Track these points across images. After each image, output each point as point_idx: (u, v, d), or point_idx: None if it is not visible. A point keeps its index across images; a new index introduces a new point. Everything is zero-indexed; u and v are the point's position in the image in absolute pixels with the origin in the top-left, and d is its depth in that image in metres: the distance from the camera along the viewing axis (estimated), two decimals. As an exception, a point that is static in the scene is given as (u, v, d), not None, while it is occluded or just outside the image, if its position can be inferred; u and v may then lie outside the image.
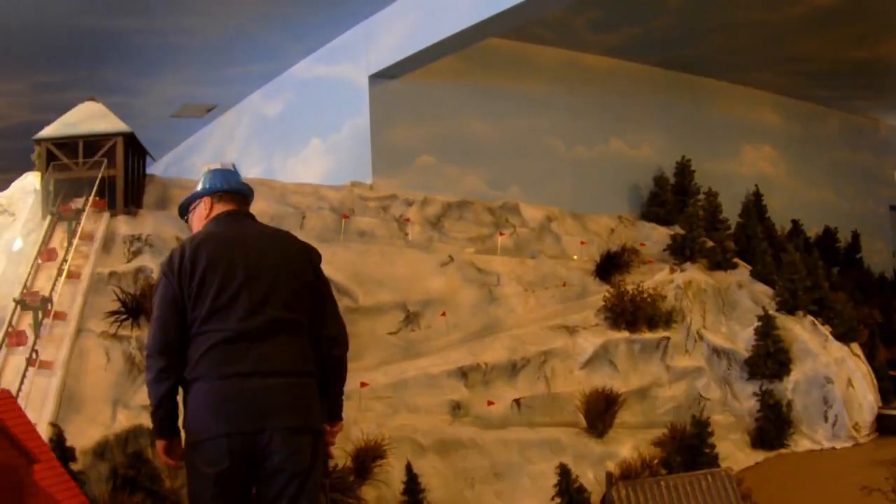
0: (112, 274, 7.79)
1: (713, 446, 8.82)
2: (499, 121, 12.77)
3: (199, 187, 5.81)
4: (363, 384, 8.35)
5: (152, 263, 7.85)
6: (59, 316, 7.28)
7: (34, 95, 14.74)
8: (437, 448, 8.20)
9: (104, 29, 11.67)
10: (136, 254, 8.18)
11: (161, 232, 8.45)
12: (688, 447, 8.79)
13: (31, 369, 6.76)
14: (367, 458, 7.39)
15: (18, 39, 11.97)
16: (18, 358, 6.94)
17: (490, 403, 8.93)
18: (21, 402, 6.04)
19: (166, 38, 12.17)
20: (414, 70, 11.75)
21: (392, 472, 7.54)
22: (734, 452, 9.55)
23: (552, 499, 7.82)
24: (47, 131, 8.60)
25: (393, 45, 11.33)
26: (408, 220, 10.56)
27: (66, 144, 8.50)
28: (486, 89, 12.71)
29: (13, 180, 9.48)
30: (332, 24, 12.22)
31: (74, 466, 5.83)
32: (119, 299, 7.41)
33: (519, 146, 12.90)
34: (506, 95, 12.85)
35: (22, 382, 6.60)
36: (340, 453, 7.26)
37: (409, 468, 7.51)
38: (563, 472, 7.85)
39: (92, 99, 9.00)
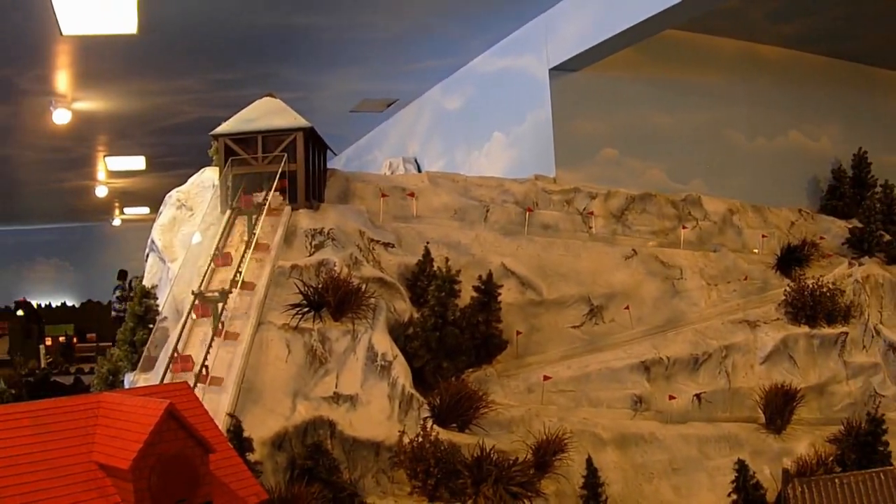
0: (294, 267, 7.71)
1: (887, 444, 8.42)
2: (678, 113, 12.46)
3: None
4: (546, 377, 8.21)
5: (335, 257, 7.76)
6: (241, 304, 7.20)
7: (210, 92, 14.92)
8: (617, 442, 8.03)
9: (283, 26, 11.73)
10: (318, 247, 8.06)
11: (343, 226, 8.36)
12: (862, 445, 8.45)
13: (209, 358, 6.71)
14: (548, 451, 7.20)
15: (196, 38, 12.14)
16: (199, 349, 6.88)
17: (671, 398, 8.71)
18: (199, 392, 6.07)
19: (345, 34, 12.17)
20: (593, 63, 11.49)
21: (572, 466, 7.32)
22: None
23: (728, 495, 7.64)
24: (225, 127, 8.58)
25: (572, 38, 11.09)
26: (591, 213, 10.31)
27: (245, 140, 8.46)
28: (665, 81, 12.41)
29: (189, 175, 9.53)
30: (510, 18, 12.04)
31: (251, 457, 5.79)
32: (301, 292, 7.31)
33: (699, 138, 12.57)
34: (684, 87, 12.53)
35: (201, 371, 6.55)
36: (522, 447, 7.14)
37: (589, 462, 7.27)
38: (741, 468, 7.66)
39: (270, 95, 8.95)
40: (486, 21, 11.93)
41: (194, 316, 7.04)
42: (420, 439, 6.60)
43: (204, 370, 6.64)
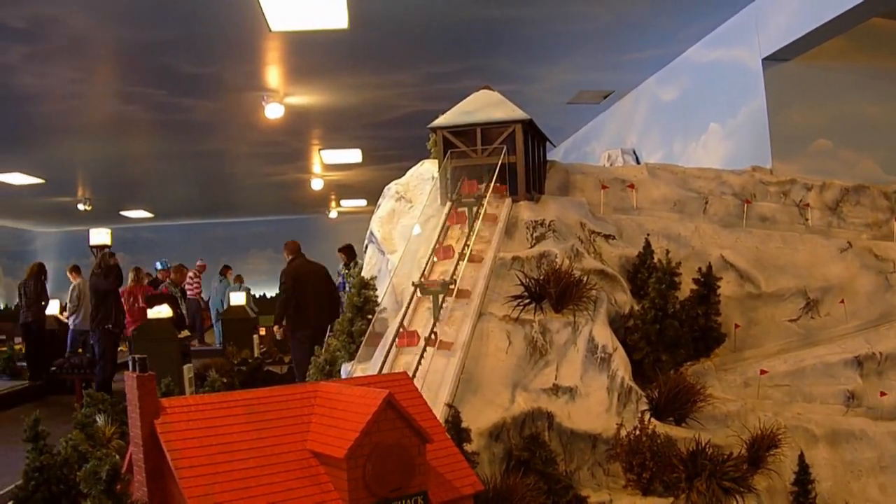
0: (515, 259, 7.41)
1: None
2: (889, 102, 11.76)
3: None
4: (763, 372, 7.80)
5: (556, 248, 7.44)
6: (462, 294, 6.94)
7: (426, 85, 14.87)
8: (828, 438, 7.49)
9: (497, 18, 11.54)
10: (539, 239, 7.76)
11: (564, 217, 8.05)
12: None
13: (428, 350, 6.45)
14: (762, 447, 6.71)
15: (407, 31, 12.05)
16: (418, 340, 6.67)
17: (882, 394, 8.12)
18: (418, 382, 5.86)
19: (559, 25, 11.97)
20: (805, 52, 11.02)
21: (784, 462, 6.84)
22: None
23: (933, 495, 7.20)
24: (443, 119, 8.32)
25: (784, 27, 10.66)
26: (807, 205, 9.83)
27: (463, 132, 8.18)
28: (873, 70, 11.73)
29: (405, 168, 9.32)
30: (721, 7, 11.64)
31: (468, 447, 5.46)
32: (522, 283, 7.01)
33: (910, 128, 12.02)
34: (893, 76, 11.80)
35: (419, 363, 6.29)
36: (736, 441, 6.67)
37: (801, 458, 6.80)
38: (943, 468, 7.21)
39: (487, 87, 8.65)
40: (696, 11, 11.54)
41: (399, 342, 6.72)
42: (637, 432, 6.25)
43: (433, 335, 6.46)
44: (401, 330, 6.63)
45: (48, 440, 6.39)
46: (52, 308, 22.90)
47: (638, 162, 15.25)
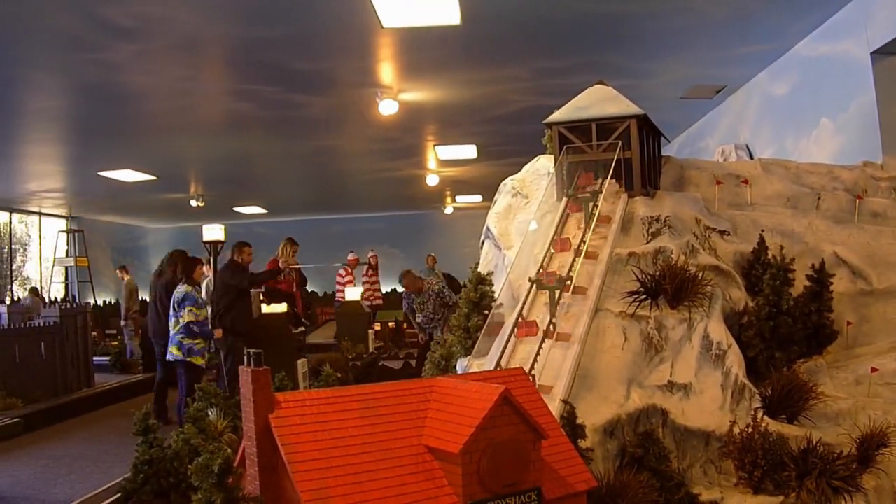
0: (631, 255, 7.28)
1: None
2: None
3: None
4: (874, 370, 7.46)
5: (671, 244, 7.30)
6: (578, 291, 6.81)
7: (539, 81, 14.78)
8: (933, 437, 7.17)
9: (610, 13, 11.39)
10: (655, 235, 7.60)
11: (679, 213, 7.88)
12: None
13: (544, 348, 6.31)
14: (871, 445, 6.43)
15: (524, 27, 11.95)
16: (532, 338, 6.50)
17: (980, 393, 7.92)
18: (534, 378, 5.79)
19: (671, 20, 11.82)
20: None
21: (892, 462, 6.50)
22: None
23: None
24: (558, 115, 8.16)
25: (892, 20, 10.37)
26: None
27: (578, 127, 8.03)
28: None
29: (520, 164, 9.22)
30: (830, 1, 11.36)
31: (583, 444, 5.38)
32: (638, 279, 6.88)
33: None
34: None
35: (535, 360, 6.17)
36: (846, 440, 6.41)
37: (907, 458, 6.74)
38: None
39: (601, 82, 8.50)
40: (806, 5, 11.32)
41: (517, 334, 6.62)
42: (750, 430, 6.10)
43: (553, 326, 6.37)
44: (519, 320, 6.55)
45: (158, 433, 6.41)
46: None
47: (751, 157, 15.01)
